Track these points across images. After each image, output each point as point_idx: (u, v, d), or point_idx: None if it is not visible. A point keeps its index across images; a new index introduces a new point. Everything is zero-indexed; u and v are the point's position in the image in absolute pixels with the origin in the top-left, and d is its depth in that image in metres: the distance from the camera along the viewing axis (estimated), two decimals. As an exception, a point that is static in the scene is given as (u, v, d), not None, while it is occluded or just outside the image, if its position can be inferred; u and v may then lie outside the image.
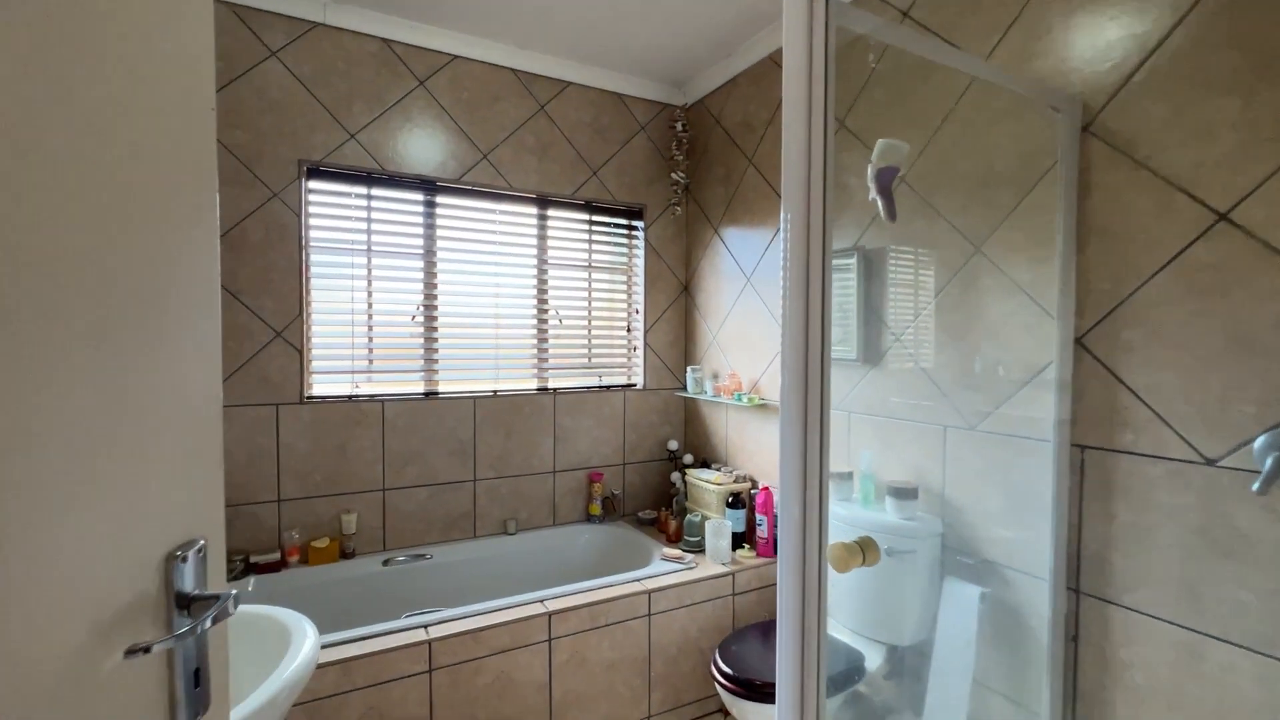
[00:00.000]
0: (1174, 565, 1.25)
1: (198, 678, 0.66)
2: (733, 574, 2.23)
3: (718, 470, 2.62)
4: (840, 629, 1.85)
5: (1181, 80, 1.22)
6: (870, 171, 1.22)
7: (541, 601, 1.94)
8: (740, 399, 2.48)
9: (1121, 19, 1.32)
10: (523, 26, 2.38)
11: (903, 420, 1.84)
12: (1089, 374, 1.38)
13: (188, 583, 0.64)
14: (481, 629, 1.80)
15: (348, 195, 2.34)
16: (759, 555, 2.34)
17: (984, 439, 1.63)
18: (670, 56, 2.62)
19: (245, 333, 2.15)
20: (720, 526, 2.32)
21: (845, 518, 1.82)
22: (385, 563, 2.32)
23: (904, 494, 1.73)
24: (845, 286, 1.98)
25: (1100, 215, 1.36)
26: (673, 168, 2.87)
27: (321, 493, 2.28)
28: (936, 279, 1.74)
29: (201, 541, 0.67)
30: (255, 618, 1.42)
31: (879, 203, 1.23)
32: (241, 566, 2.10)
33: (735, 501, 2.42)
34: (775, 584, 1.36)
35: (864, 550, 0.90)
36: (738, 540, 2.38)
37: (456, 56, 2.46)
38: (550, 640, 1.90)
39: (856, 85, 1.90)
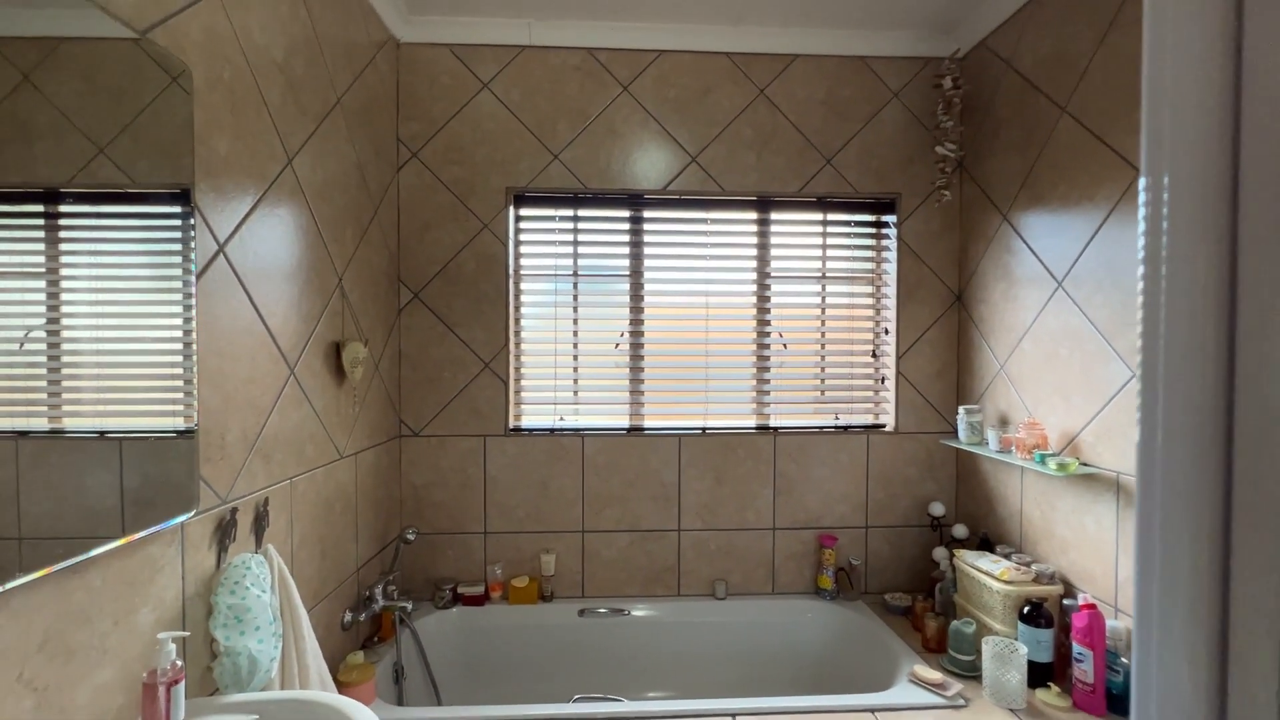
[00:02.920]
0: None
1: None
2: (1028, 731, 1.48)
3: (1006, 558, 1.83)
4: None
5: None
6: None
7: (732, 718, 1.50)
8: (1044, 462, 1.68)
9: None
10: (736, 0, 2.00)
11: None
12: None
13: None
14: (653, 741, 1.44)
15: (553, 219, 2.25)
16: (1075, 707, 1.52)
17: None
18: (933, -9, 1.95)
19: (459, 364, 2.17)
20: (1008, 650, 1.57)
21: None
22: (581, 613, 2.13)
23: None
24: None
25: None
26: (939, 139, 2.15)
27: (524, 529, 2.20)
28: None
29: None
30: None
31: None
32: (450, 595, 2.12)
33: (1035, 614, 1.63)
34: None
35: None
36: (1036, 674, 1.60)
37: (663, 51, 2.19)
38: (742, 773, 1.45)
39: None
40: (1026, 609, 1.66)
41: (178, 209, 1.08)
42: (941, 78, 2.11)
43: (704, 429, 2.26)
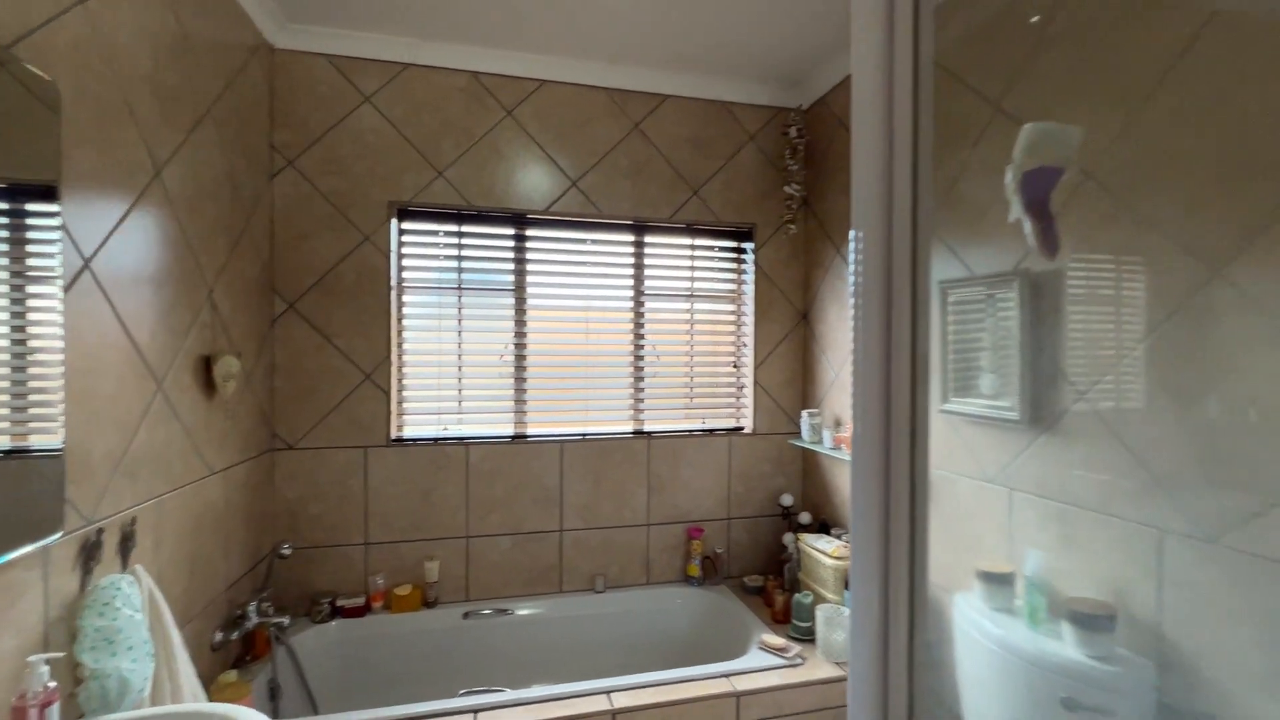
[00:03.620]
0: None
1: None
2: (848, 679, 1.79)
3: (838, 539, 2.18)
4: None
5: None
6: (1011, 177, 0.80)
7: (608, 694, 1.67)
8: (864, 456, 2.03)
9: None
10: (614, 40, 2.19)
11: (1092, 512, 1.31)
12: None
13: None
14: (536, 722, 1.57)
15: (437, 234, 2.30)
16: (888, 656, 1.87)
17: (1233, 559, 1.06)
18: (782, 53, 2.26)
19: (338, 376, 2.16)
20: (836, 614, 1.89)
21: (1002, 640, 1.33)
22: (466, 615, 2.20)
23: (1093, 620, 1.21)
24: (1004, 322, 1.48)
25: None
26: (787, 179, 2.49)
27: (407, 538, 2.23)
28: (1145, 315, 1.20)
29: None
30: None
31: (1027, 226, 0.80)
32: (328, 609, 2.10)
33: (857, 583, 1.97)
34: None
35: None
36: (860, 632, 1.93)
37: (545, 81, 2.33)
38: (616, 742, 1.62)
39: (1018, 55, 1.41)
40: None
41: (43, 224, 1.06)
42: (789, 127, 2.45)
43: (584, 435, 2.42)
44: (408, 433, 2.27)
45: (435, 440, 2.27)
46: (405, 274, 2.28)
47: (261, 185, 2.03)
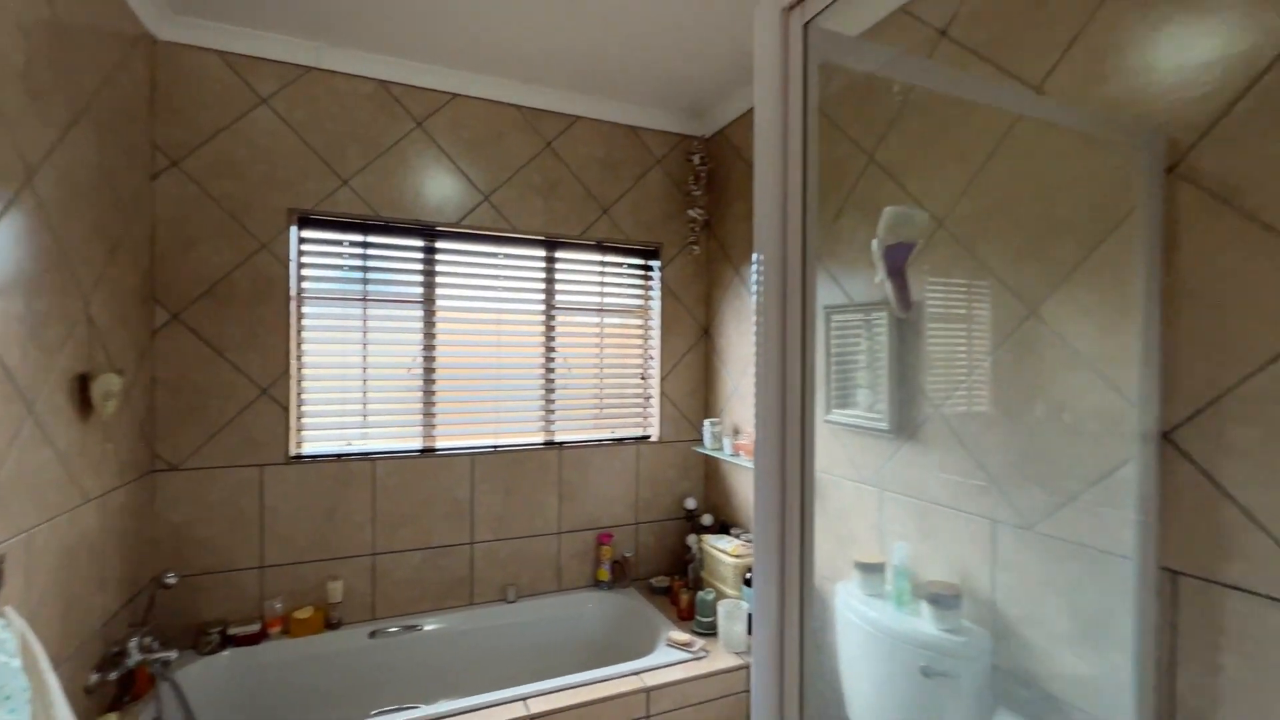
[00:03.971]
0: (1313, 751, 0.93)
1: None
2: (748, 666, 1.96)
3: (737, 538, 2.36)
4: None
5: (1305, 108, 0.93)
6: (876, 248, 0.97)
7: (524, 701, 1.73)
8: (760, 461, 2.22)
9: (1217, 34, 1.03)
10: (527, 61, 2.24)
11: (944, 508, 1.55)
12: (1182, 480, 1.08)
13: None
14: (453, 735, 1.60)
15: (341, 244, 2.24)
16: (780, 642, 2.06)
17: (1045, 543, 1.32)
18: (687, 85, 2.42)
19: (229, 391, 2.04)
20: (735, 609, 2.06)
21: (874, 621, 1.54)
22: (373, 634, 2.16)
23: (945, 600, 1.44)
24: (876, 344, 1.71)
25: (1196, 278, 1.06)
26: (690, 204, 2.66)
27: (307, 558, 2.14)
28: (984, 343, 1.46)
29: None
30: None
31: (887, 287, 0.98)
32: (218, 639, 1.98)
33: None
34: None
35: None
36: (756, 623, 2.11)
37: (457, 95, 2.34)
38: (533, 747, 1.68)
39: (886, 114, 1.65)
40: (748, 575, 2.17)
41: (-97, 239, 0.96)
42: (693, 154, 2.62)
43: (496, 447, 2.44)
44: (308, 449, 2.19)
45: (339, 456, 2.21)
46: (306, 284, 2.19)
47: (142, 187, 1.88)
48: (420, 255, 2.35)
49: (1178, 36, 1.09)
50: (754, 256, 0.80)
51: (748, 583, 2.15)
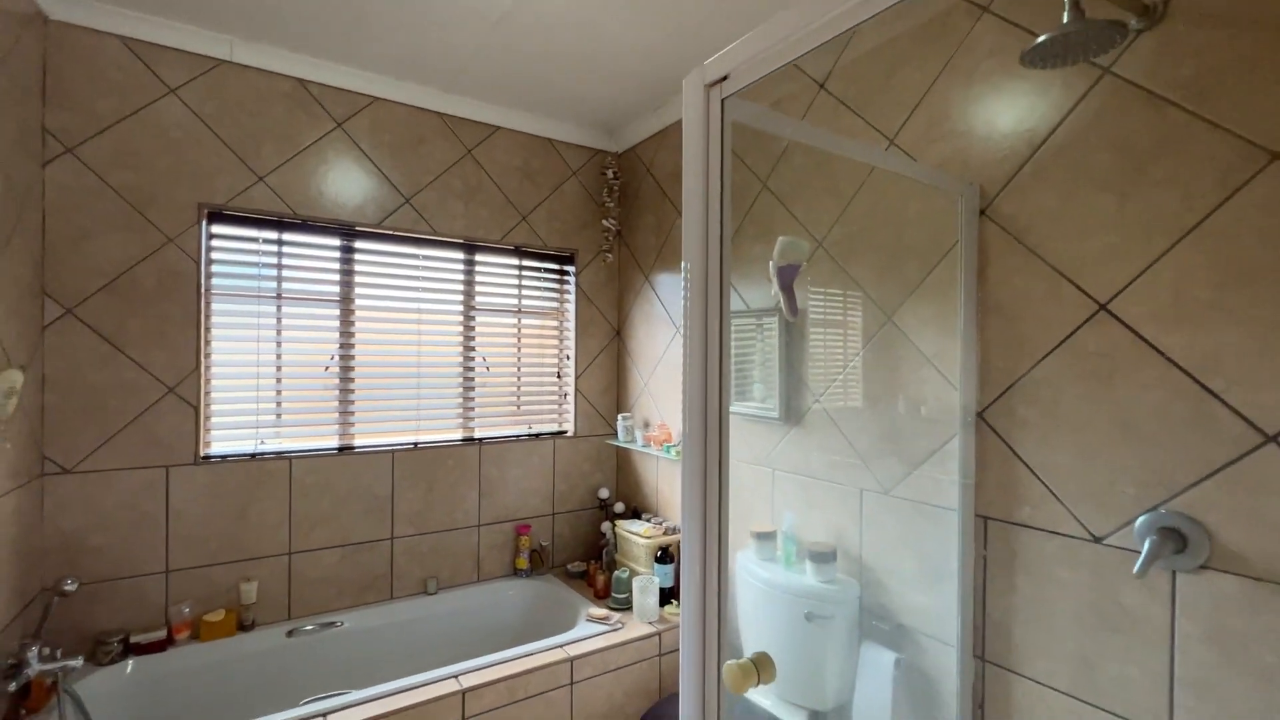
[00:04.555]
0: (1069, 638, 1.29)
1: None
2: (659, 633, 2.19)
3: (648, 522, 2.59)
4: (765, 694, 1.83)
5: (1065, 175, 1.30)
6: (772, 268, 1.23)
7: (456, 678, 1.84)
8: (669, 451, 2.46)
9: (1013, 112, 1.39)
10: (448, 71, 2.33)
11: (823, 481, 1.86)
12: (990, 448, 1.43)
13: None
14: (388, 714, 1.68)
15: (255, 241, 2.21)
16: (687, 611, 2.31)
17: (898, 504, 1.66)
18: (601, 104, 2.62)
19: (131, 390, 1.97)
20: (648, 583, 2.27)
21: (767, 580, 1.82)
22: (290, 634, 2.15)
23: (823, 557, 1.74)
24: (768, 345, 2.00)
25: (996, 295, 1.42)
26: (604, 214, 2.86)
27: (218, 560, 2.10)
28: (857, 343, 1.78)
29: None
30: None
31: (780, 298, 1.24)
32: (119, 648, 1.90)
33: (664, 556, 2.39)
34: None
35: (759, 669, 0.88)
36: (666, 596, 2.34)
37: (378, 99, 2.38)
38: None
39: (776, 150, 1.95)
40: (659, 553, 2.40)
41: None
42: (606, 168, 2.82)
43: (416, 444, 2.50)
44: (218, 449, 2.14)
45: (252, 455, 2.17)
46: (217, 280, 2.14)
47: (33, 174, 1.78)
48: (338, 254, 2.36)
49: (986, 111, 1.44)
50: (683, 264, 1.01)
51: (658, 560, 2.38)
